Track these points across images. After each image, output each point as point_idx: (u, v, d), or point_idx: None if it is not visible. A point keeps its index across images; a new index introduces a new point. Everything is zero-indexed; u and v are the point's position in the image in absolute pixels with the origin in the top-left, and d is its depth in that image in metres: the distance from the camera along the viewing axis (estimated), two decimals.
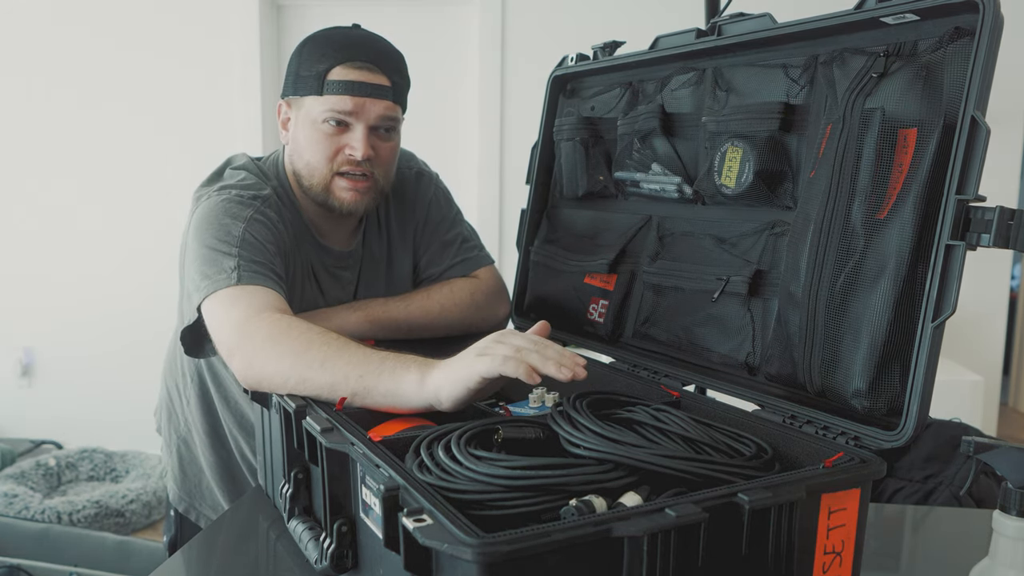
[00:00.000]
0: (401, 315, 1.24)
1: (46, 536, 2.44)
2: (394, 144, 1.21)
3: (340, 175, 1.16)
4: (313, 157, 1.16)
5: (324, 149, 1.15)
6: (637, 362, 1.10)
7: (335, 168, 1.16)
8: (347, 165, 1.16)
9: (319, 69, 1.13)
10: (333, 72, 1.13)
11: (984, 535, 0.74)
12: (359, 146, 1.14)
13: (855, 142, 0.83)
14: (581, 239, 1.30)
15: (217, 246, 1.06)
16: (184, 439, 1.37)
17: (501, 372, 0.81)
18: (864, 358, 0.80)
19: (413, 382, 0.87)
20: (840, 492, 0.69)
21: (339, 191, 1.17)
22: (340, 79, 1.12)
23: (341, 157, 1.16)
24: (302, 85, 1.15)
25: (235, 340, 0.97)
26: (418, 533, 0.56)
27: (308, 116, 1.15)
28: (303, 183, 1.19)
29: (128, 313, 3.39)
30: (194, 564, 0.92)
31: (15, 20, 3.29)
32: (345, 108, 1.13)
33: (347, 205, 1.18)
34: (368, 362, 0.90)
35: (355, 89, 1.13)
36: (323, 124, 1.14)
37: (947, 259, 0.73)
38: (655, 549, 0.58)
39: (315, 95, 1.14)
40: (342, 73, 1.13)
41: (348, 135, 1.15)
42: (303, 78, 1.15)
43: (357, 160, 1.15)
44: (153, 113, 3.29)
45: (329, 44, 1.15)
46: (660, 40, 1.14)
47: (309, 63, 1.14)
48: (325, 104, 1.13)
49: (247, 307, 0.99)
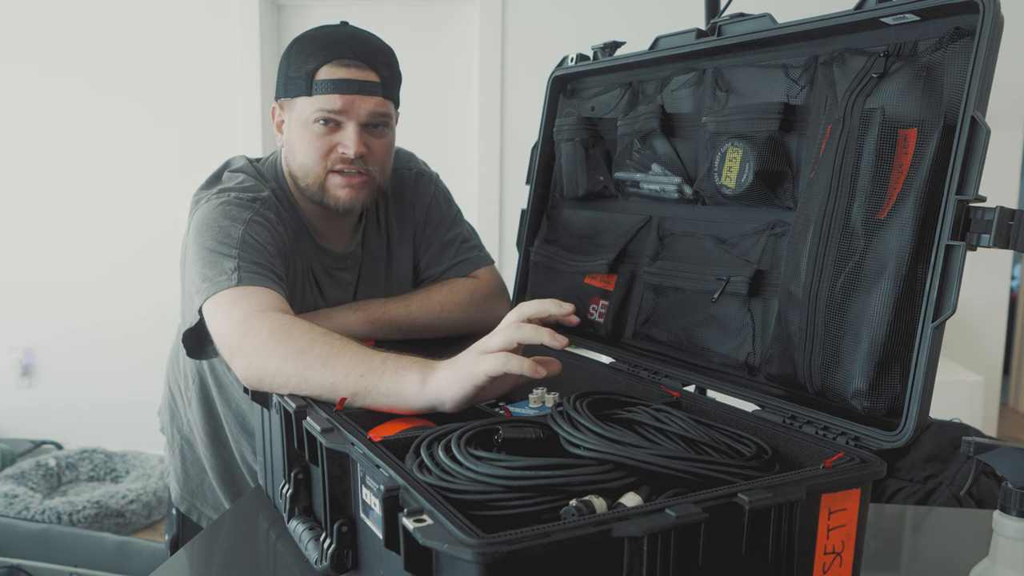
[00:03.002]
0: (401, 315, 1.24)
1: (46, 536, 2.44)
2: (388, 140, 1.21)
3: (334, 172, 1.16)
4: (307, 158, 1.16)
5: (317, 149, 1.15)
6: (637, 362, 1.10)
7: (329, 166, 1.16)
8: (340, 163, 1.15)
9: (307, 69, 1.13)
10: (321, 71, 1.12)
11: (984, 535, 0.74)
12: (351, 144, 1.14)
13: (855, 142, 0.83)
14: (581, 239, 1.30)
15: (217, 248, 1.06)
16: (187, 439, 1.37)
17: (505, 370, 0.82)
18: (864, 358, 0.80)
19: (415, 383, 0.87)
20: (840, 492, 0.69)
21: (334, 188, 1.17)
22: (328, 78, 1.12)
23: (334, 156, 1.15)
24: (292, 87, 1.15)
25: (236, 339, 0.97)
26: (418, 533, 0.56)
27: (299, 117, 1.15)
28: (299, 184, 1.19)
29: (128, 313, 3.39)
30: (195, 564, 0.92)
31: (15, 20, 3.29)
32: (335, 107, 1.12)
33: (343, 202, 1.17)
34: (370, 362, 0.90)
35: (343, 87, 1.12)
36: (314, 124, 1.14)
37: (947, 259, 0.73)
38: (655, 549, 0.58)
39: (304, 96, 1.13)
40: (330, 72, 1.12)
41: (340, 133, 1.15)
42: (292, 79, 1.15)
43: (350, 158, 1.14)
44: (154, 113, 3.29)
45: (315, 43, 1.15)
46: (660, 40, 1.14)
47: (297, 64, 1.14)
48: (315, 104, 1.13)
49: (248, 307, 0.99)
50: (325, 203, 1.18)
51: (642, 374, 1.07)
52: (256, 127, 3.23)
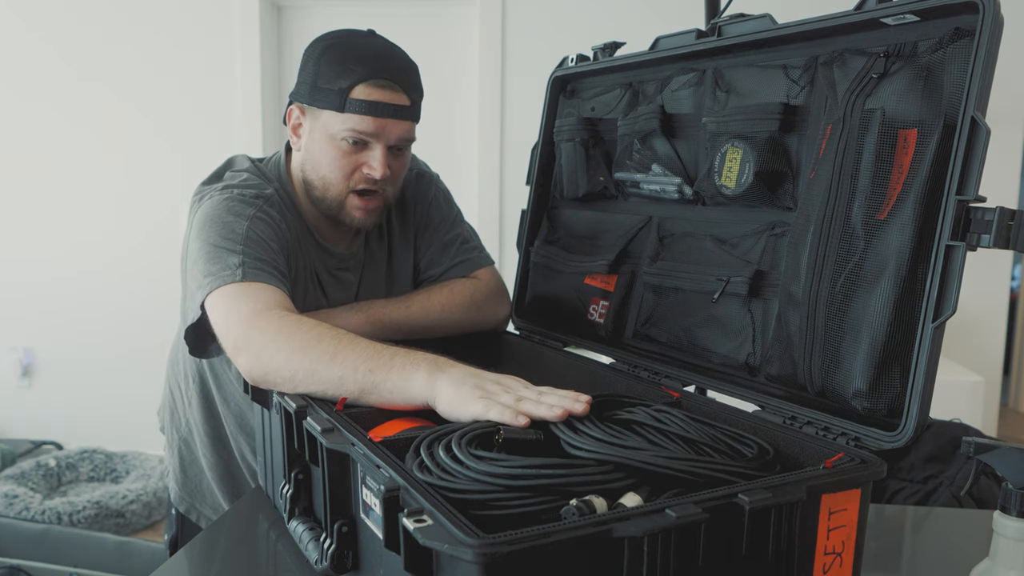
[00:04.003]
0: (402, 316, 1.24)
1: (46, 537, 2.44)
2: (406, 159, 1.22)
3: (355, 193, 1.16)
4: (330, 173, 1.15)
5: (342, 167, 1.14)
6: (637, 363, 1.10)
7: (352, 186, 1.16)
8: (364, 183, 1.15)
9: (341, 85, 1.11)
10: (356, 91, 1.10)
11: (984, 536, 0.74)
12: (378, 167, 1.13)
13: (855, 143, 0.83)
14: (581, 240, 1.30)
15: (221, 243, 1.05)
16: (186, 439, 1.37)
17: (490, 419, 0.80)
18: (864, 359, 0.80)
19: (422, 381, 0.87)
20: (840, 493, 0.69)
21: (352, 209, 1.17)
22: (363, 99, 1.10)
23: (358, 175, 1.15)
24: (320, 98, 1.13)
25: (242, 335, 0.97)
26: (418, 534, 0.56)
27: (326, 130, 1.14)
28: (314, 194, 1.19)
29: (128, 313, 3.39)
30: (195, 564, 0.92)
31: (16, 20, 3.29)
32: (367, 128, 1.11)
33: (358, 222, 1.19)
34: (378, 357, 0.90)
35: (378, 110, 1.11)
36: (341, 141, 1.13)
37: (947, 260, 0.73)
38: (655, 549, 0.58)
39: (335, 111, 1.12)
40: (365, 92, 1.10)
41: (366, 153, 1.14)
42: (322, 91, 1.12)
43: (375, 179, 1.15)
44: (154, 113, 3.29)
45: (349, 56, 1.12)
46: (660, 41, 1.14)
47: (329, 76, 1.12)
48: (346, 123, 1.11)
49: (255, 303, 0.99)
50: (340, 218, 1.19)
51: (642, 374, 1.07)
52: (256, 127, 3.23)
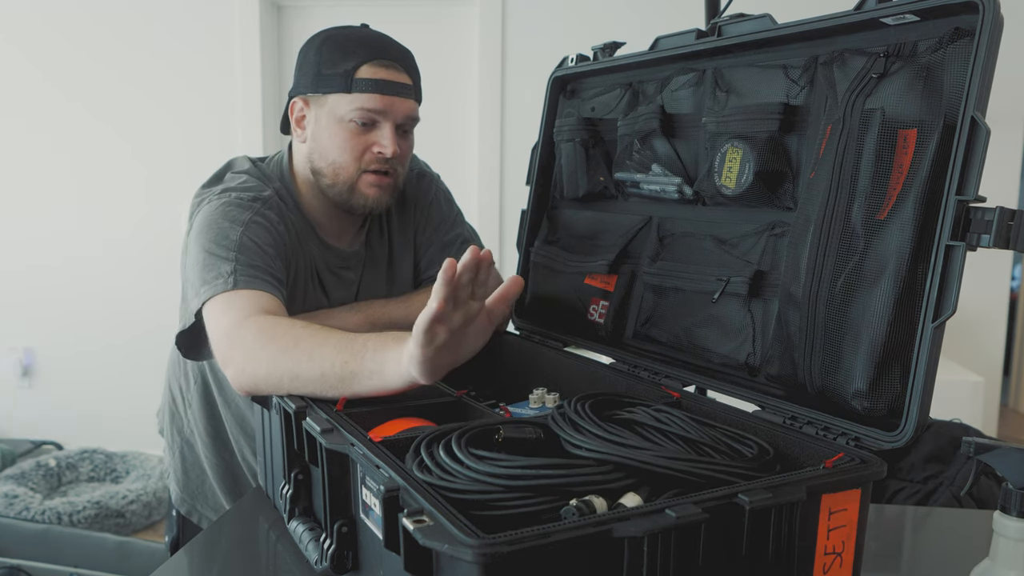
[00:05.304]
0: (401, 316, 1.24)
1: (46, 537, 2.44)
2: (411, 143, 1.22)
3: (367, 172, 1.16)
4: (340, 156, 1.16)
5: (352, 148, 1.15)
6: (637, 363, 1.10)
7: (363, 166, 1.16)
8: (375, 163, 1.16)
9: (346, 67, 1.12)
10: (361, 70, 1.12)
11: (985, 536, 0.74)
12: (388, 144, 1.14)
13: (855, 143, 0.83)
14: (581, 240, 1.30)
15: (215, 250, 1.06)
16: (187, 441, 1.37)
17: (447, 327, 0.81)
18: (864, 359, 0.80)
19: (394, 360, 0.86)
20: (840, 493, 0.69)
21: (365, 187, 1.17)
22: (369, 77, 1.12)
23: (369, 156, 1.16)
24: (325, 83, 1.14)
25: (226, 349, 0.98)
26: (418, 534, 0.56)
27: (333, 114, 1.14)
28: (323, 182, 1.19)
29: (128, 313, 3.39)
30: (195, 564, 0.92)
31: (17, 20, 3.29)
32: (375, 106, 1.13)
33: (371, 202, 1.18)
34: (351, 346, 0.90)
35: (384, 88, 1.13)
36: (349, 123, 1.14)
37: (947, 260, 0.73)
38: (655, 550, 0.58)
39: (342, 92, 1.13)
40: (370, 71, 1.12)
41: (375, 133, 1.15)
42: (327, 76, 1.14)
43: (387, 157, 1.15)
44: (154, 113, 3.29)
45: (350, 42, 1.14)
46: (660, 41, 1.14)
47: (333, 61, 1.13)
48: (354, 102, 1.12)
49: (237, 313, 0.99)
50: (352, 202, 1.18)
51: (642, 374, 1.07)
52: (256, 127, 3.23)
